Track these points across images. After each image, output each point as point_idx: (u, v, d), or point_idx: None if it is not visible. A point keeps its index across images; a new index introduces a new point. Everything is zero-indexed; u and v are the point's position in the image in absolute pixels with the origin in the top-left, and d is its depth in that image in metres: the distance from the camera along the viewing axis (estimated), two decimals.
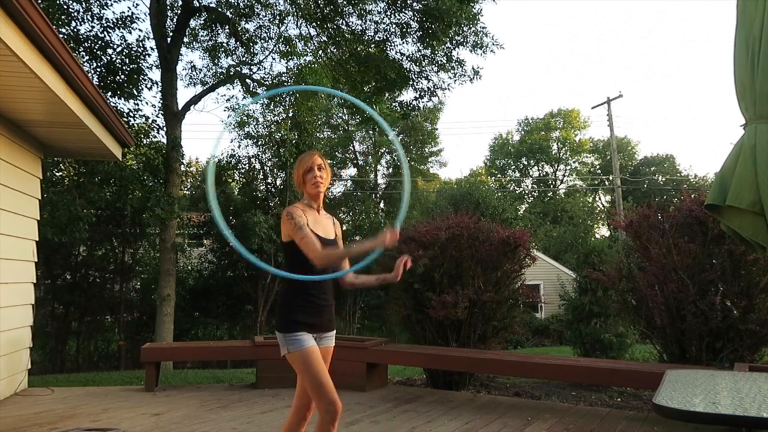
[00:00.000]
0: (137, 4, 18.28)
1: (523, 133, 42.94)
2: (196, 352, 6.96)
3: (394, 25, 11.25)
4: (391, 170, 33.04)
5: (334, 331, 2.68)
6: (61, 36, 3.89)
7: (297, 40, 13.05)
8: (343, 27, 11.75)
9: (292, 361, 2.48)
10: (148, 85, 11.15)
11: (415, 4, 10.64)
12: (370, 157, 33.35)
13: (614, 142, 27.10)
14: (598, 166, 42.60)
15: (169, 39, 11.90)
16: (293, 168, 2.69)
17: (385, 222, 19.12)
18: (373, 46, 11.59)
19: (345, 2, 11.40)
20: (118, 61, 10.71)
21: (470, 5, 10.58)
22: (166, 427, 4.12)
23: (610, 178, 32.50)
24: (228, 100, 14.53)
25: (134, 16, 10.94)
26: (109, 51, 10.66)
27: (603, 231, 34.18)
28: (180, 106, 12.11)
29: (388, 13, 11.16)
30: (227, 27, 12.53)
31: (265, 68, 15.73)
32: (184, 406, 4.81)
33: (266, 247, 12.68)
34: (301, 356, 2.43)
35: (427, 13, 10.44)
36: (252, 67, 13.55)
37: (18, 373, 5.30)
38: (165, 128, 11.87)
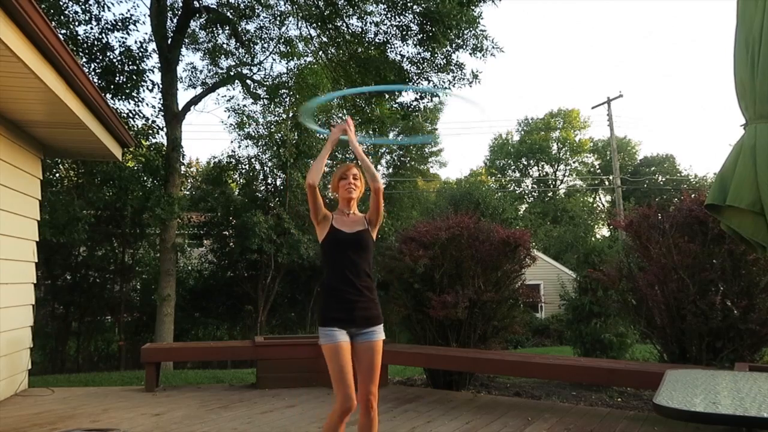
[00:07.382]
0: (137, 6, 18.25)
1: (523, 133, 42.92)
2: (197, 352, 6.96)
3: (394, 28, 11.24)
4: (391, 170, 33.05)
5: (378, 326, 2.79)
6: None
7: (297, 41, 13.05)
8: (343, 28, 11.75)
9: (324, 352, 2.70)
10: (149, 87, 11.14)
11: (415, 6, 10.61)
12: (370, 157, 33.37)
13: (614, 142, 27.11)
14: (598, 166, 42.59)
15: (169, 40, 11.89)
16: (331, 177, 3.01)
17: (385, 221, 19.09)
18: (373, 48, 11.58)
19: (345, 3, 11.39)
20: (117, 62, 10.69)
21: (471, 8, 10.56)
22: (167, 427, 4.12)
23: (610, 178, 32.50)
24: (228, 100, 14.54)
25: (133, 18, 10.90)
26: (109, 53, 10.62)
27: (603, 231, 34.20)
28: (180, 107, 12.12)
29: (389, 15, 11.15)
30: (228, 28, 12.52)
31: (265, 69, 15.72)
32: (185, 406, 4.81)
33: (266, 248, 12.69)
34: (327, 349, 2.67)
35: (428, 15, 10.42)
36: (252, 67, 13.57)
37: (18, 373, 5.30)
38: (165, 129, 11.87)
